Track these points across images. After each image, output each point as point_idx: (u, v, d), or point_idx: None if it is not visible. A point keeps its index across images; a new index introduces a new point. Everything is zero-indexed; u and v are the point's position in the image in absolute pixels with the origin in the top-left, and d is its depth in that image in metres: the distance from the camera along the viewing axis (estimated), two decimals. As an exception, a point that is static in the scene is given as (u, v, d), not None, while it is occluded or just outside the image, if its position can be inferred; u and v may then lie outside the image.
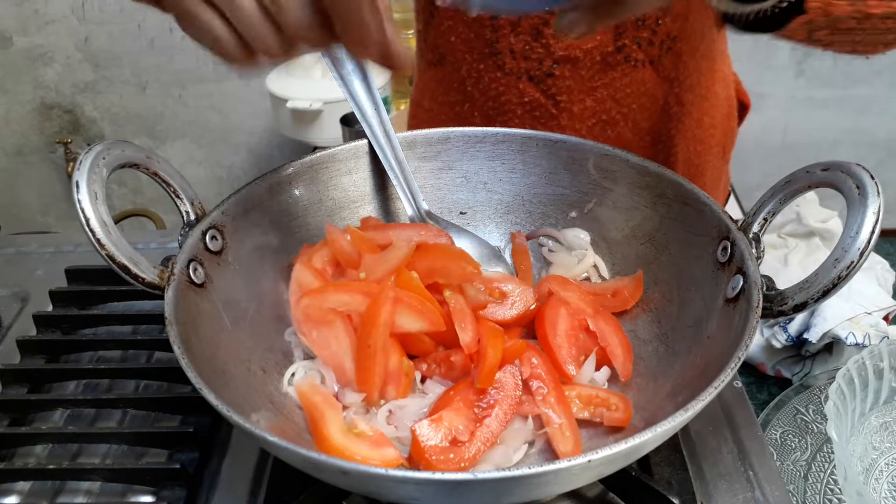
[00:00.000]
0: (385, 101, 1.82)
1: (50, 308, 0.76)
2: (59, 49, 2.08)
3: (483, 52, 0.86)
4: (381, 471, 0.40)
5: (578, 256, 0.69)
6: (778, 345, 0.80)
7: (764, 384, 0.80)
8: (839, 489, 0.67)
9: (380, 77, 1.81)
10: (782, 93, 2.01)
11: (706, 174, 0.92)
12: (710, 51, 0.89)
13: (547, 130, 0.66)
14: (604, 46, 0.83)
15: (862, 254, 0.48)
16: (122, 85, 2.13)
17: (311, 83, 1.76)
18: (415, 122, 1.03)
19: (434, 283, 0.61)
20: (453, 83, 0.91)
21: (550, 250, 0.71)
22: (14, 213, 2.29)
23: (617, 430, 0.57)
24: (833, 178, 0.51)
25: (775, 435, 0.71)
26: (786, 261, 0.84)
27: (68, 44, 2.07)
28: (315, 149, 0.68)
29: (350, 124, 1.64)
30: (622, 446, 0.42)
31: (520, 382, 0.57)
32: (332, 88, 1.74)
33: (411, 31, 1.88)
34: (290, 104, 1.70)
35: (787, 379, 0.80)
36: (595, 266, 0.69)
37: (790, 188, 0.55)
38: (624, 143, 0.88)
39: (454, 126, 0.72)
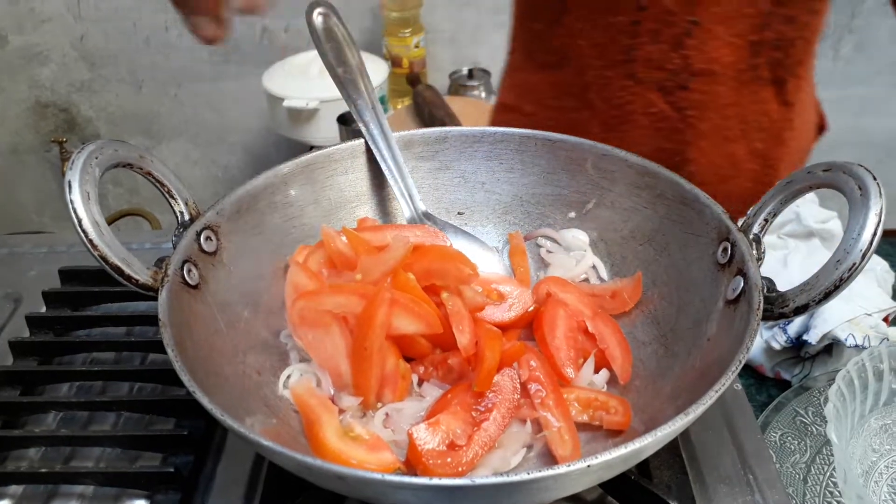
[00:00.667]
0: (382, 101, 1.81)
1: (43, 309, 0.76)
2: (54, 48, 2.07)
3: (615, 58, 0.84)
4: (378, 476, 0.40)
5: (577, 257, 0.69)
6: (777, 346, 0.79)
7: (763, 386, 0.79)
8: (839, 492, 0.66)
9: (377, 76, 1.81)
10: (781, 92, 2.01)
11: None
12: (811, 76, 0.89)
13: (669, 144, 0.64)
14: (739, 63, 0.82)
15: (864, 255, 0.47)
16: (117, 84, 2.12)
17: (307, 82, 1.76)
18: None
19: (431, 285, 0.60)
20: (572, 88, 0.88)
21: (549, 251, 0.71)
22: (9, 212, 2.28)
23: (616, 434, 0.56)
24: (835, 178, 0.51)
25: (774, 437, 0.71)
26: (785, 262, 0.84)
27: (64, 42, 2.06)
28: (312, 148, 0.67)
29: (347, 123, 1.63)
30: (622, 451, 0.41)
31: (518, 386, 0.56)
32: (328, 87, 1.72)
33: (409, 30, 1.88)
34: (286, 103, 1.69)
35: (786, 381, 0.80)
36: (594, 267, 0.68)
37: (791, 189, 0.54)
38: (736, 161, 0.88)
39: (561, 133, 0.70)
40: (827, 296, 0.49)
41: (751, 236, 0.55)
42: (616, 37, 0.83)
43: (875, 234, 0.47)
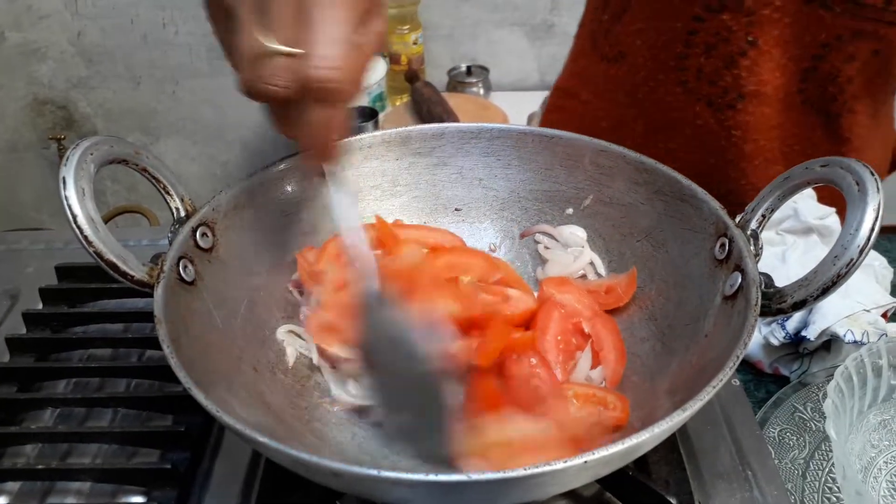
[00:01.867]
0: (380, 97, 1.81)
1: (40, 306, 0.76)
2: (52, 44, 2.07)
3: (668, 63, 0.83)
4: (374, 472, 0.40)
5: (574, 254, 0.68)
6: (776, 342, 0.79)
7: (761, 382, 0.79)
8: (837, 487, 0.66)
9: (375, 73, 1.80)
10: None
11: None
12: (879, 112, 0.87)
13: (713, 158, 0.64)
14: (789, 86, 0.81)
15: (862, 251, 0.47)
16: (115, 80, 2.12)
17: (305, 79, 1.75)
18: (559, 113, 0.99)
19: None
20: (625, 85, 0.88)
21: (546, 247, 0.70)
22: (7, 209, 2.28)
23: (615, 430, 0.56)
24: (832, 174, 0.51)
25: (773, 433, 0.71)
26: (784, 258, 0.83)
27: (61, 39, 2.06)
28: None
29: (345, 120, 1.63)
30: (619, 447, 0.41)
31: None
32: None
33: (407, 27, 1.88)
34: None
35: (784, 377, 0.80)
36: (592, 263, 0.68)
37: (789, 184, 0.54)
38: None
39: (608, 125, 0.69)
40: (825, 291, 0.48)
41: (748, 232, 0.55)
42: (671, 42, 0.82)
43: (873, 229, 0.47)
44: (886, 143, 0.93)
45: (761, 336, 0.79)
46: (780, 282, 0.52)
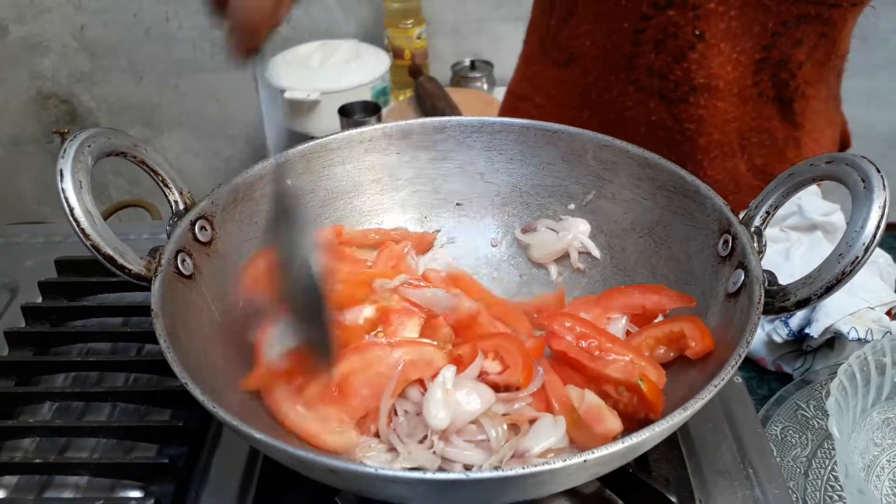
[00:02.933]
0: (383, 92, 1.80)
1: (39, 299, 0.75)
2: (55, 38, 2.06)
3: (618, 63, 0.84)
4: (371, 470, 0.39)
5: (561, 237, 0.68)
6: (779, 339, 0.78)
7: (764, 379, 0.79)
8: (840, 486, 0.66)
9: (378, 68, 1.80)
10: (784, 85, 2.00)
11: None
12: (830, 96, 0.88)
13: (668, 154, 0.64)
14: (742, 80, 0.81)
15: (867, 249, 0.46)
16: (118, 75, 2.11)
17: (308, 73, 1.75)
18: (513, 115, 1.01)
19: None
20: (577, 87, 0.89)
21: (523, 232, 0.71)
22: (10, 203, 2.28)
23: (703, 359, 0.54)
24: (837, 170, 0.50)
25: (775, 431, 0.70)
26: (788, 255, 0.83)
27: (64, 33, 2.05)
28: (312, 139, 0.67)
29: (348, 115, 1.62)
30: (619, 446, 0.41)
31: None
32: (329, 78, 1.73)
33: (411, 21, 1.87)
34: (287, 94, 1.69)
35: (787, 374, 0.79)
36: (583, 245, 0.68)
37: (793, 181, 0.53)
38: (738, 175, 0.87)
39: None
40: (829, 290, 0.48)
41: (752, 229, 0.54)
42: (620, 42, 0.83)
43: (878, 226, 0.47)
44: (834, 125, 0.93)
45: (764, 333, 0.79)
46: (785, 279, 0.52)
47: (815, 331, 0.75)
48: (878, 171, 0.48)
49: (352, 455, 0.52)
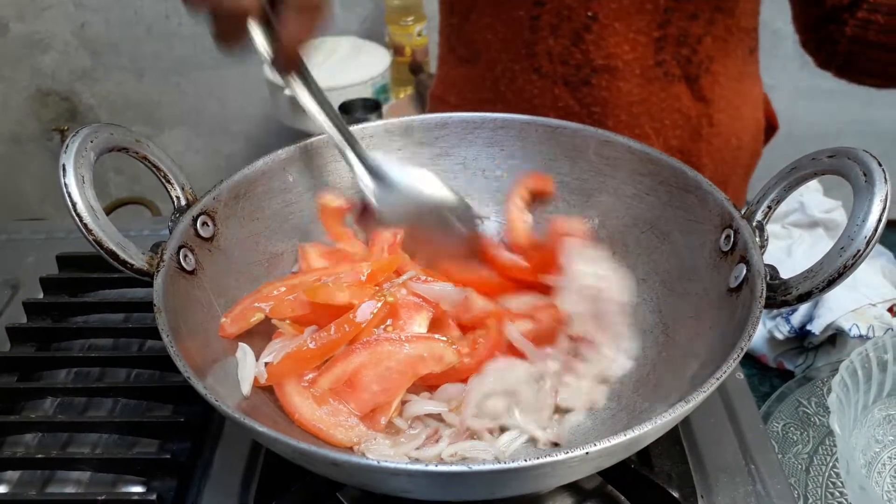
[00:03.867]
0: (384, 90, 1.80)
1: (41, 295, 0.75)
2: (55, 36, 2.06)
3: (520, 52, 0.85)
4: (373, 462, 0.39)
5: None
6: (780, 336, 0.79)
7: (766, 376, 0.79)
8: (841, 482, 0.66)
9: (378, 65, 1.80)
10: (787, 83, 1.99)
11: (728, 193, 0.93)
12: (743, 73, 0.88)
13: None
14: (644, 60, 0.82)
15: (868, 242, 0.46)
16: (119, 72, 2.11)
17: (309, 70, 1.75)
18: None
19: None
20: (486, 82, 0.89)
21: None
22: (10, 201, 2.28)
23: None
24: (839, 164, 0.50)
25: (777, 427, 0.70)
26: (789, 251, 0.83)
27: (65, 30, 2.05)
28: (313, 136, 0.67)
29: (349, 112, 1.62)
30: (621, 438, 0.41)
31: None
32: (329, 76, 1.73)
33: (411, 18, 1.87)
34: (288, 92, 1.68)
35: (789, 371, 0.79)
36: None
37: (795, 175, 0.53)
38: None
39: None
40: (831, 283, 0.48)
41: (754, 223, 0.54)
42: (518, 31, 0.84)
43: (880, 220, 0.47)
44: (756, 105, 0.93)
45: (766, 330, 0.79)
46: (786, 275, 0.52)
47: (816, 327, 0.75)
48: (880, 165, 0.48)
49: (356, 449, 0.52)
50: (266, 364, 0.56)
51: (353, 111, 1.63)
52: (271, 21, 0.55)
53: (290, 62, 0.58)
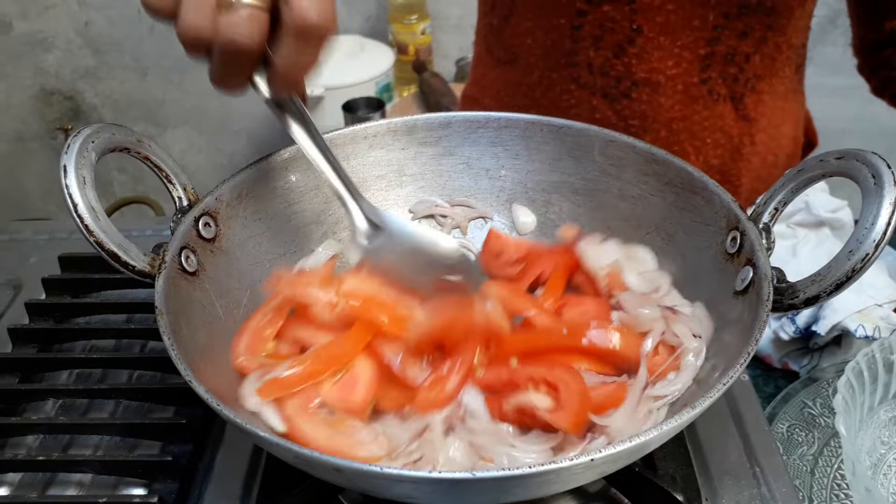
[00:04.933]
0: (387, 88, 1.80)
1: (43, 296, 0.75)
2: (59, 34, 2.06)
3: (559, 60, 0.83)
4: (376, 469, 0.39)
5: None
6: (786, 337, 0.78)
7: (771, 377, 0.78)
8: (846, 484, 0.65)
9: (382, 64, 1.79)
10: (790, 81, 1.99)
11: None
12: (787, 91, 0.87)
13: None
14: (688, 76, 0.81)
15: (877, 246, 0.46)
16: (122, 71, 2.11)
17: (312, 69, 1.74)
18: None
19: None
20: (522, 87, 0.88)
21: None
22: (14, 200, 2.28)
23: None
24: (848, 167, 0.50)
25: (782, 429, 0.70)
26: (795, 251, 0.82)
27: (68, 29, 2.05)
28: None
29: (352, 111, 1.62)
30: (626, 445, 0.40)
31: None
32: (332, 74, 1.72)
33: (415, 16, 1.86)
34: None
35: (794, 372, 0.79)
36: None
37: (802, 177, 0.53)
38: None
39: None
40: (838, 287, 0.47)
41: (760, 226, 0.54)
42: (559, 39, 0.83)
43: (889, 223, 0.46)
44: (797, 123, 0.93)
45: (771, 331, 0.78)
46: (792, 276, 0.51)
47: (822, 328, 0.75)
48: (889, 168, 0.47)
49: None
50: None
51: (356, 110, 1.62)
52: (269, 56, 0.51)
53: (285, 95, 0.54)
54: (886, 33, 0.77)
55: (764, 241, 0.53)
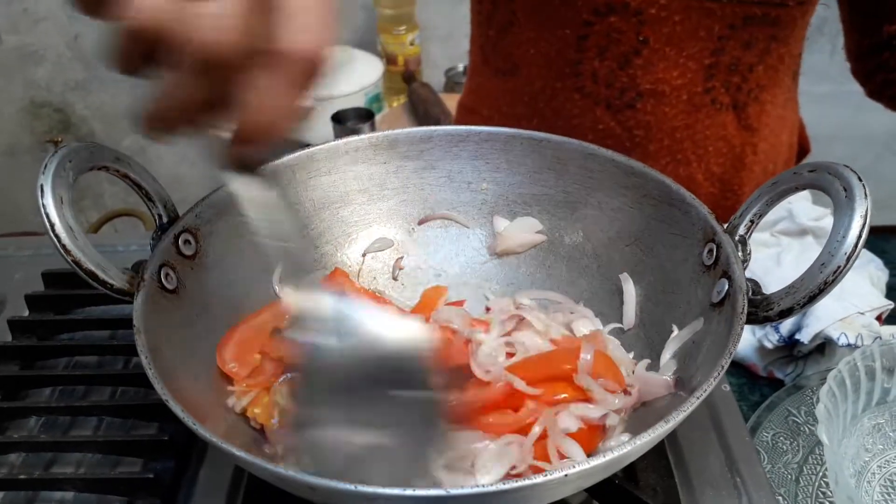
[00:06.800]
0: (377, 99, 1.80)
1: (26, 313, 0.75)
2: (49, 47, 2.06)
3: (563, 70, 0.83)
4: (350, 487, 0.39)
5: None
6: (770, 345, 0.78)
7: (756, 385, 0.79)
8: (831, 492, 0.66)
9: (371, 74, 1.80)
10: (778, 87, 1.99)
11: None
12: (786, 100, 0.87)
13: None
14: (692, 86, 0.81)
15: (849, 258, 0.46)
16: (112, 84, 2.11)
17: (301, 80, 1.74)
18: None
19: None
20: (523, 97, 0.88)
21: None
22: (5, 213, 2.28)
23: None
24: (820, 179, 0.50)
25: (767, 437, 0.70)
26: (778, 260, 0.83)
27: (58, 42, 2.05)
28: (307, 146, 0.67)
29: (342, 122, 1.62)
30: (601, 459, 0.41)
31: None
32: (322, 85, 1.72)
33: (404, 27, 1.87)
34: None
35: (779, 380, 0.79)
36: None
37: (777, 190, 0.53)
38: (693, 184, 0.86)
39: None
40: (812, 299, 0.48)
41: (736, 238, 0.54)
42: (563, 49, 0.82)
43: (860, 236, 0.46)
44: (793, 130, 0.93)
45: (755, 339, 0.78)
46: (776, 284, 0.51)
47: (805, 336, 0.75)
48: (860, 180, 0.48)
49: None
50: None
51: (345, 121, 1.63)
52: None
53: (252, 154, 0.42)
54: (885, 37, 0.77)
55: (740, 254, 0.53)
